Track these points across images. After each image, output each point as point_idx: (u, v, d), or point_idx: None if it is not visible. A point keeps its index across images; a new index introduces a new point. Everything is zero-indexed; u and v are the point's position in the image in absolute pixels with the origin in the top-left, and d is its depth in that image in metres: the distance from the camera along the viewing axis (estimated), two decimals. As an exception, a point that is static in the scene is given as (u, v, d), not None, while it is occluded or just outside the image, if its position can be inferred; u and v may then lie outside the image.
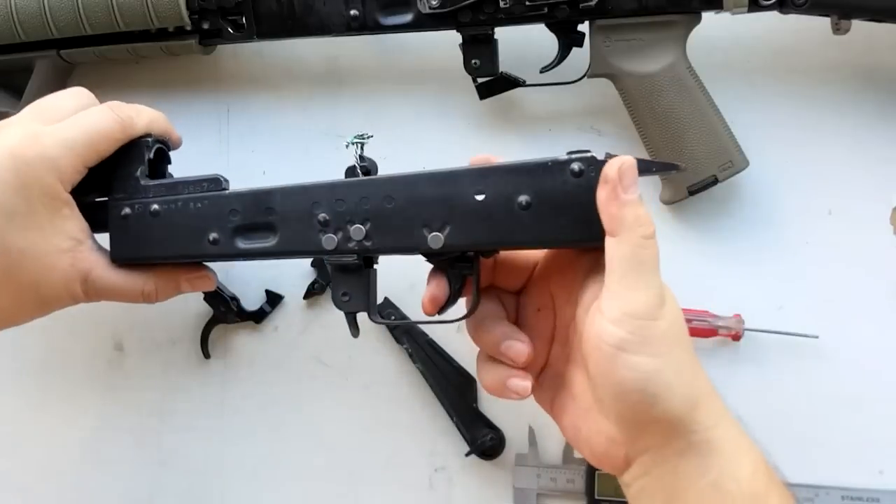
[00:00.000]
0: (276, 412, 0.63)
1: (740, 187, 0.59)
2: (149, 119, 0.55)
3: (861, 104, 0.59)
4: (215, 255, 0.52)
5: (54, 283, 0.52)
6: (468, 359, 0.61)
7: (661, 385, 0.43)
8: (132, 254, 0.53)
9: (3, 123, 0.52)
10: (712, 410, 0.45)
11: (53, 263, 0.51)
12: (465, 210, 0.47)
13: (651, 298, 0.43)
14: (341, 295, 0.51)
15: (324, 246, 0.50)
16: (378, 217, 0.49)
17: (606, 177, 0.44)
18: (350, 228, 0.49)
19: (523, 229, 0.47)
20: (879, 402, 0.57)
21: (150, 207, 0.53)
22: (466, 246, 0.48)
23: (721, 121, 0.57)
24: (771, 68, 0.60)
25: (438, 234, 0.48)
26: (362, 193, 0.49)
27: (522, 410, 0.60)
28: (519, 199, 0.46)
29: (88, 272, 0.52)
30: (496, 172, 0.47)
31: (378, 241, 0.49)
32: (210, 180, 0.53)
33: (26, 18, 0.58)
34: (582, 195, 0.45)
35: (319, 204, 0.50)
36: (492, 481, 0.61)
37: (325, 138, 0.64)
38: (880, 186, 0.59)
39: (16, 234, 0.50)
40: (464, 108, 0.62)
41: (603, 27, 0.56)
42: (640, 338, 0.43)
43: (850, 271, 0.59)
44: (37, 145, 0.50)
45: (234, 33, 0.60)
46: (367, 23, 0.58)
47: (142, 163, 0.54)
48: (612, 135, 0.61)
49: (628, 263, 0.43)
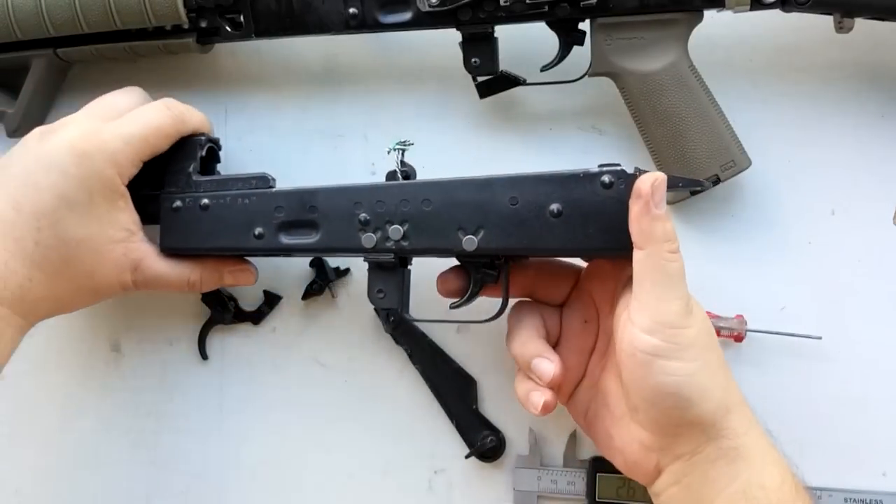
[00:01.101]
0: (274, 414, 0.63)
1: (742, 187, 0.59)
2: (200, 119, 0.58)
3: (864, 103, 0.59)
4: (260, 248, 0.55)
5: (108, 272, 0.54)
6: (468, 360, 0.61)
7: (696, 388, 0.45)
8: (181, 244, 0.56)
9: (63, 121, 0.54)
10: (743, 418, 0.46)
11: (108, 253, 0.53)
12: (499, 215, 0.50)
13: (680, 308, 0.45)
14: (377, 292, 0.54)
15: (363, 244, 0.53)
16: (416, 219, 0.52)
17: (640, 191, 0.46)
18: (389, 228, 0.52)
19: (553, 236, 0.49)
20: (883, 404, 0.57)
21: (200, 201, 0.55)
22: (499, 250, 0.51)
23: (723, 120, 0.56)
24: (773, 67, 0.60)
25: (472, 237, 0.51)
26: (402, 196, 0.52)
27: (523, 412, 0.60)
28: (550, 208, 0.49)
29: (139, 262, 0.55)
30: (529, 181, 0.50)
31: (415, 241, 0.52)
32: (258, 178, 0.56)
33: (23, 17, 0.58)
34: (611, 206, 0.48)
35: (361, 204, 0.53)
36: (492, 484, 0.60)
37: (323, 137, 0.64)
38: (883, 186, 0.58)
39: (76, 224, 0.52)
40: (464, 106, 0.62)
41: (604, 25, 0.56)
42: (673, 344, 0.45)
43: (854, 271, 0.58)
44: (97, 139, 0.52)
45: (232, 32, 0.59)
46: (367, 21, 0.58)
47: (194, 159, 0.57)
48: (612, 134, 0.61)
49: (657, 275, 0.45)
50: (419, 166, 0.61)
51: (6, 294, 0.51)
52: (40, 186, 0.51)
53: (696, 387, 0.45)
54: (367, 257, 0.53)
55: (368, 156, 0.63)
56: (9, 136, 0.63)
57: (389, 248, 0.52)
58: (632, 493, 0.56)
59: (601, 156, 0.61)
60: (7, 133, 0.63)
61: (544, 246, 0.50)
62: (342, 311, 0.62)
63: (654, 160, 0.58)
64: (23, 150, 0.53)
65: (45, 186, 0.51)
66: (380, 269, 0.54)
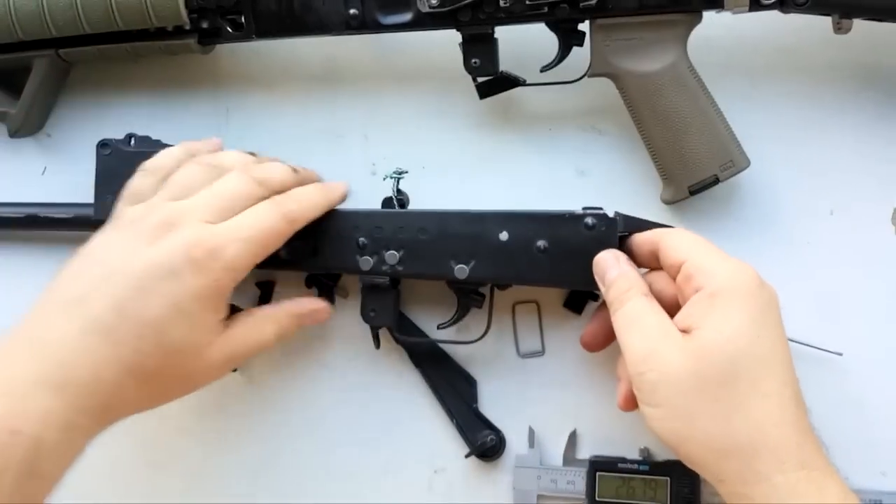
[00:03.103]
0: (274, 414, 0.63)
1: (741, 187, 0.59)
2: (314, 207, 0.55)
3: (862, 103, 0.59)
4: (258, 263, 0.55)
5: (207, 374, 0.52)
6: (468, 360, 0.61)
7: (667, 433, 0.45)
8: None
9: (168, 214, 0.50)
10: (763, 461, 0.43)
11: (208, 357, 0.50)
12: (490, 248, 0.54)
13: (638, 352, 0.47)
14: (370, 311, 0.57)
15: (360, 266, 0.56)
16: (411, 245, 0.55)
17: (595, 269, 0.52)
18: (385, 253, 0.55)
19: (539, 270, 0.54)
20: (882, 404, 0.57)
21: None
22: (487, 279, 0.55)
23: (722, 120, 0.56)
24: (772, 68, 0.60)
25: (464, 266, 0.54)
26: (399, 224, 0.55)
27: (523, 412, 0.60)
28: (537, 244, 0.53)
29: (233, 352, 0.52)
30: (519, 218, 0.54)
31: (409, 266, 0.55)
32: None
33: (24, 17, 0.58)
34: (592, 246, 0.53)
35: (359, 229, 0.56)
36: (492, 483, 0.60)
37: (324, 138, 0.64)
38: (882, 186, 0.58)
39: (183, 334, 0.49)
40: (463, 107, 0.62)
41: (603, 26, 0.56)
42: (638, 390, 0.47)
43: (852, 271, 0.58)
44: (214, 245, 0.49)
45: (233, 32, 0.59)
46: (367, 22, 0.58)
47: None
48: (612, 134, 0.61)
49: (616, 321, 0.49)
50: (419, 166, 0.61)
51: (92, 404, 0.46)
52: (150, 293, 0.47)
53: (667, 431, 0.45)
54: (363, 278, 0.56)
55: (369, 156, 0.63)
56: (10, 136, 0.63)
57: (385, 272, 0.55)
58: (631, 493, 0.56)
59: (601, 156, 0.61)
60: (9, 133, 0.63)
61: (530, 278, 0.54)
62: (343, 311, 0.62)
63: (654, 160, 0.58)
64: (125, 248, 0.49)
65: (157, 293, 0.47)
66: (373, 289, 0.57)
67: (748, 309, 0.46)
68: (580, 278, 0.53)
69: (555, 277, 0.54)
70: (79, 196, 0.62)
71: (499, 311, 0.60)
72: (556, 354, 0.60)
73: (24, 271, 0.65)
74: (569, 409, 0.60)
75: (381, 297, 0.57)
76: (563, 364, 0.60)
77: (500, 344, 0.61)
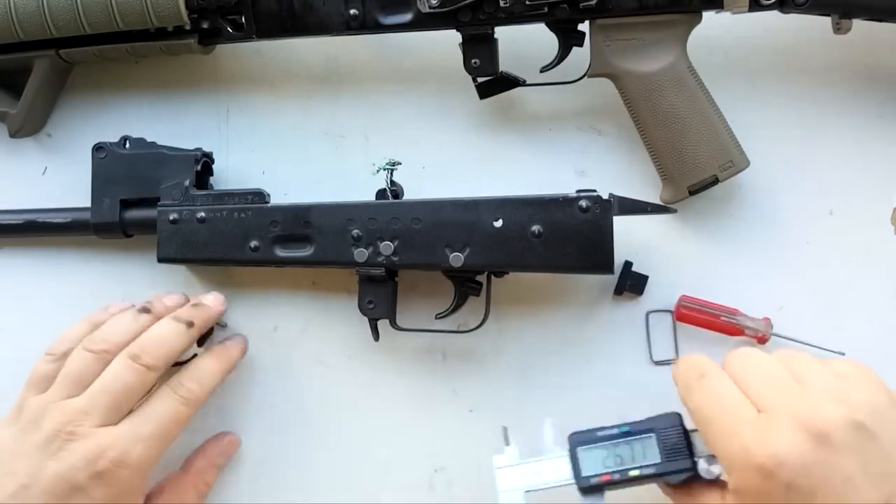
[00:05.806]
0: (274, 412, 0.63)
1: (741, 187, 0.59)
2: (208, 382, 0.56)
3: (862, 103, 0.59)
4: (255, 260, 0.58)
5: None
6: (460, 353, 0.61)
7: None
8: (178, 255, 0.58)
9: (64, 427, 0.50)
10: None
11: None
12: (484, 235, 0.54)
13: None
14: (367, 303, 0.57)
15: (355, 258, 0.56)
16: (406, 236, 0.55)
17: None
18: (380, 244, 0.55)
19: (534, 255, 0.54)
20: (881, 403, 0.57)
21: (197, 214, 0.58)
22: (483, 266, 0.55)
23: (722, 120, 0.56)
24: (772, 68, 0.60)
25: (459, 254, 0.54)
26: (393, 214, 0.55)
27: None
28: (532, 228, 0.54)
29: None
30: (513, 203, 0.54)
31: (404, 256, 0.55)
32: (254, 193, 0.58)
33: (25, 18, 0.58)
34: (587, 228, 0.53)
35: (353, 221, 0.56)
36: (492, 481, 0.60)
37: (324, 138, 0.64)
38: (881, 186, 0.59)
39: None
40: (464, 107, 0.62)
41: (603, 26, 0.56)
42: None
43: (852, 271, 0.59)
44: (116, 452, 0.50)
45: (234, 33, 0.60)
46: (367, 22, 0.58)
47: (190, 174, 0.59)
48: (612, 134, 0.61)
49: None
50: (420, 166, 0.61)
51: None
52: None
53: None
54: (358, 271, 0.56)
55: (369, 156, 0.63)
56: (11, 136, 0.63)
57: (380, 263, 0.56)
58: (620, 461, 0.52)
59: (601, 156, 0.61)
60: (10, 133, 0.63)
61: (526, 263, 0.54)
62: (341, 308, 0.62)
63: (654, 160, 0.58)
64: (31, 458, 0.50)
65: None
66: (370, 281, 0.57)
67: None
68: (576, 262, 0.53)
69: (551, 262, 0.54)
70: (79, 196, 0.62)
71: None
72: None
73: (22, 275, 0.65)
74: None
75: (378, 288, 0.57)
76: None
77: (499, 344, 0.61)
